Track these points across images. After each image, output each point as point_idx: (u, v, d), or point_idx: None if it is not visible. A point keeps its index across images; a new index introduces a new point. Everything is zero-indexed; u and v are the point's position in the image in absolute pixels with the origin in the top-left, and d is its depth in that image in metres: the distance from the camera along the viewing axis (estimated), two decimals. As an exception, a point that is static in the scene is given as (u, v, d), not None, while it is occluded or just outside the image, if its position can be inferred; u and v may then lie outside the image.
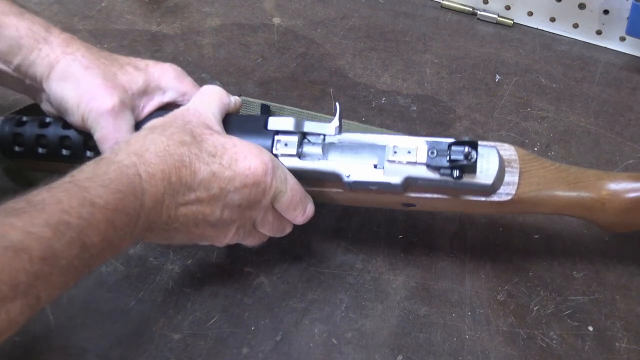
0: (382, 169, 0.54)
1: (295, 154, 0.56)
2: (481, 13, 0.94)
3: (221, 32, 0.91)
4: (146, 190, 0.47)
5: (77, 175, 0.45)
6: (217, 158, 0.51)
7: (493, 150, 0.54)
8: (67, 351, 0.56)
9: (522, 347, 0.58)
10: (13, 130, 0.60)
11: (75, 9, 0.92)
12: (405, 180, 0.54)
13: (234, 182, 0.51)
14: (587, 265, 0.65)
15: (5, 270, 0.37)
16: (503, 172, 0.55)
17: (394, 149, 0.54)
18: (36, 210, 0.41)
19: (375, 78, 0.85)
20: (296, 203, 0.56)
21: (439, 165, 0.52)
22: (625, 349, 0.59)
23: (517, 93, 0.84)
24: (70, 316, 0.58)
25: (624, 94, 0.84)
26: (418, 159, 0.53)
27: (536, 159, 0.57)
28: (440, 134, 0.78)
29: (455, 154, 0.51)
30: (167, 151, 0.49)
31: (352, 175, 0.55)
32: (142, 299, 0.60)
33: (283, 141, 0.56)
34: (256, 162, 0.52)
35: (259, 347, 0.57)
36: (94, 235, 0.43)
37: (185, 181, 0.49)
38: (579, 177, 0.57)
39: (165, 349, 0.57)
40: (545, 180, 0.56)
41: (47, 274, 0.40)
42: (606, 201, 0.56)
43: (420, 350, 0.58)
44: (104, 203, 0.44)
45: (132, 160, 0.47)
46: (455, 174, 0.52)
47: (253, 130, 0.57)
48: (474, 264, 0.64)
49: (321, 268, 0.63)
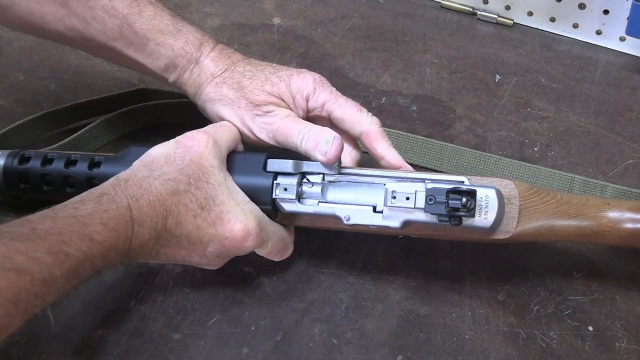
0: (380, 213, 0.55)
1: (295, 198, 0.56)
2: (481, 13, 0.94)
3: (221, 32, 0.91)
4: (136, 234, 0.49)
5: (79, 209, 0.48)
6: (204, 212, 0.53)
7: (492, 191, 0.53)
8: (67, 351, 0.56)
9: (522, 347, 0.58)
10: (17, 169, 0.61)
11: (75, 9, 0.92)
12: (403, 223, 0.54)
13: (213, 240, 0.53)
14: (587, 265, 0.65)
15: (9, 288, 0.40)
16: (502, 213, 0.54)
17: (393, 194, 0.54)
18: (39, 238, 0.43)
19: (375, 78, 0.85)
20: (274, 255, 0.58)
21: (436, 212, 0.52)
22: (625, 349, 0.59)
23: (517, 93, 0.84)
24: (71, 316, 0.58)
25: (624, 94, 0.84)
26: (416, 204, 0.53)
27: (536, 193, 0.56)
28: (440, 133, 0.78)
29: (454, 202, 0.51)
30: (159, 200, 0.51)
31: (351, 218, 0.56)
32: (142, 299, 0.60)
33: (282, 185, 0.56)
34: (238, 227, 0.53)
35: (259, 347, 0.57)
36: (89, 268, 0.46)
37: (170, 229, 0.51)
38: (580, 209, 0.56)
39: (165, 349, 0.57)
40: (546, 215, 0.56)
41: (45, 295, 0.42)
42: (606, 232, 0.56)
43: (420, 350, 0.58)
44: (102, 239, 0.46)
45: (128, 203, 0.49)
46: (454, 222, 0.52)
47: (252, 172, 0.57)
48: (474, 264, 0.64)
49: (321, 268, 0.63)
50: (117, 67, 0.83)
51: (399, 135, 0.74)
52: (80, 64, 0.84)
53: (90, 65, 0.84)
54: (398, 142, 0.74)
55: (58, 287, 0.43)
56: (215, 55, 0.63)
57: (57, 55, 0.85)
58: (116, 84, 0.81)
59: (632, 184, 0.73)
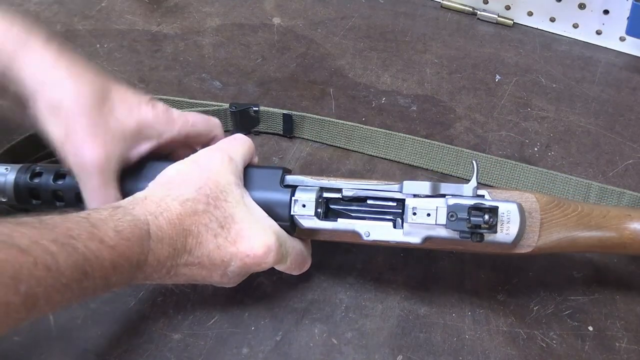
0: (401, 229, 0.54)
1: (314, 215, 0.55)
2: (481, 13, 0.94)
3: (221, 32, 0.91)
4: (152, 250, 0.47)
5: (92, 215, 0.45)
6: (224, 230, 0.51)
7: (514, 206, 0.52)
8: (67, 351, 0.56)
9: (522, 347, 0.58)
10: (29, 184, 0.60)
11: (75, 9, 0.92)
12: (424, 239, 0.54)
13: (234, 258, 0.52)
14: (587, 265, 0.65)
15: (9, 262, 0.37)
16: (524, 228, 0.54)
17: (414, 211, 0.53)
18: (46, 229, 0.41)
19: (375, 78, 0.85)
20: (293, 269, 0.57)
21: (458, 229, 0.51)
22: (625, 349, 0.59)
23: (517, 93, 0.84)
24: (70, 316, 0.58)
25: (624, 94, 0.84)
26: (438, 221, 0.52)
27: (557, 206, 0.56)
28: (440, 133, 0.78)
29: (476, 219, 0.51)
30: (179, 219, 0.49)
31: (371, 234, 0.55)
32: (142, 299, 0.60)
33: (301, 201, 0.55)
34: (259, 244, 0.52)
35: (259, 347, 0.57)
36: (97, 270, 0.43)
37: (190, 249, 0.50)
38: (601, 221, 0.56)
39: (165, 349, 0.57)
40: (567, 228, 0.55)
41: (49, 285, 0.39)
42: (628, 244, 0.56)
43: (420, 350, 0.58)
44: (113, 244, 0.44)
45: (146, 219, 0.48)
46: (476, 239, 0.52)
47: (270, 187, 0.56)
48: (474, 264, 0.64)
49: (321, 268, 0.63)
50: (117, 67, 0.84)
51: (399, 136, 0.74)
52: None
53: (90, 65, 0.84)
54: (398, 142, 0.74)
55: (64, 283, 0.40)
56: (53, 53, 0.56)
57: (57, 55, 0.85)
58: (116, 84, 0.81)
59: (632, 184, 0.73)
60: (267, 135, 0.77)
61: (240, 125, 0.76)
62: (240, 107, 0.75)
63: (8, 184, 0.60)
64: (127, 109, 0.55)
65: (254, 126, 0.77)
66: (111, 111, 0.54)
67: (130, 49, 0.87)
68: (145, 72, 0.84)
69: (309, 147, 0.76)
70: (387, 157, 0.75)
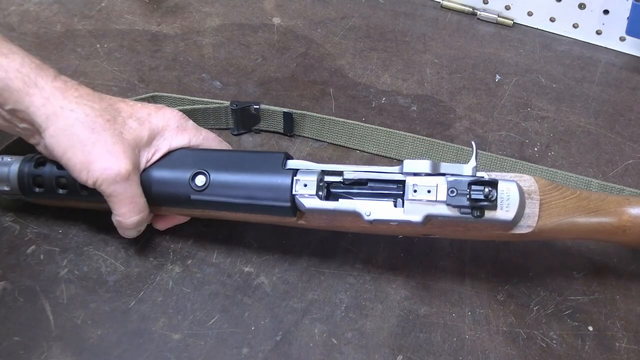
0: (402, 208, 0.54)
1: (315, 194, 0.56)
2: (481, 13, 0.94)
3: (221, 32, 0.91)
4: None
5: None
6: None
7: (513, 184, 0.53)
8: (67, 351, 0.56)
9: (522, 347, 0.58)
10: (33, 172, 0.61)
11: (75, 9, 0.92)
12: (425, 217, 0.54)
13: None
14: (587, 265, 0.65)
15: None
16: (523, 206, 0.54)
17: (414, 188, 0.53)
18: None
19: (375, 78, 0.85)
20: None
21: (459, 204, 0.52)
22: (625, 349, 0.59)
23: (517, 93, 0.84)
24: (71, 316, 0.58)
25: (624, 94, 0.84)
26: (438, 197, 0.53)
27: (556, 189, 0.56)
28: (440, 133, 0.78)
29: (476, 193, 0.51)
30: None
31: (372, 214, 0.55)
32: (142, 299, 0.60)
33: (302, 181, 0.56)
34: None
35: (259, 347, 0.57)
36: None
37: None
38: (600, 205, 0.57)
39: (165, 349, 0.57)
40: (566, 210, 0.56)
41: None
42: (627, 227, 0.56)
43: (420, 350, 0.58)
44: None
45: None
46: (476, 214, 0.52)
47: (272, 169, 0.57)
48: (474, 264, 0.64)
49: (321, 268, 0.63)
50: (117, 67, 0.84)
51: (400, 134, 0.74)
52: (79, 64, 0.84)
53: (90, 65, 0.84)
54: (399, 140, 0.74)
55: None
56: (60, 86, 0.59)
57: (56, 55, 0.85)
58: (116, 84, 0.81)
59: (632, 184, 0.73)
60: (267, 134, 0.77)
61: (241, 124, 0.76)
62: (241, 105, 0.75)
63: (12, 172, 0.62)
64: (138, 122, 0.59)
65: (255, 124, 0.77)
66: (124, 125, 0.58)
67: (130, 49, 0.87)
68: (145, 72, 0.84)
69: (309, 145, 0.76)
70: (387, 155, 0.75)
